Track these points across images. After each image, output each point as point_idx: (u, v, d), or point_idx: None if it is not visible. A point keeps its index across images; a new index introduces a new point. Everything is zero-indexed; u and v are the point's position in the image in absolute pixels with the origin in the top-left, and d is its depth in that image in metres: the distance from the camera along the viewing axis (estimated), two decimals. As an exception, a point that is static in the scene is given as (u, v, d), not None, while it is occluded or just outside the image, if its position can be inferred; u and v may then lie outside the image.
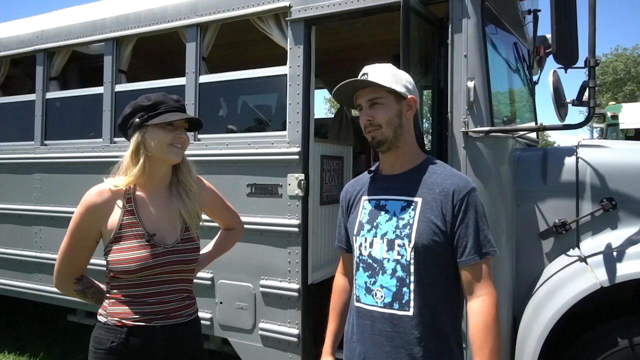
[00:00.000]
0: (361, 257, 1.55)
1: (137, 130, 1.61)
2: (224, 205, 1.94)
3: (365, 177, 1.66)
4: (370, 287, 1.50)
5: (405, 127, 1.53)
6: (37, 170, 3.86)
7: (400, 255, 1.46)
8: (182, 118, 1.64)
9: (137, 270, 1.56)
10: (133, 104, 1.64)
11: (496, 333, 1.41)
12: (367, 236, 1.54)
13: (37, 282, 3.84)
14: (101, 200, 1.60)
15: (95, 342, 1.61)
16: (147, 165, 1.61)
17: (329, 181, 3.28)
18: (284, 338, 2.88)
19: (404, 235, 1.46)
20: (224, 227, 2.01)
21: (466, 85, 2.41)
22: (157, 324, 1.59)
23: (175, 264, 1.61)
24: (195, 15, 3.18)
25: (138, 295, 1.59)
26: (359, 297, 1.54)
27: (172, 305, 1.62)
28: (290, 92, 2.88)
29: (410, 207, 1.49)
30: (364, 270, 1.53)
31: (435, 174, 1.51)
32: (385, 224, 1.51)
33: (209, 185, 1.85)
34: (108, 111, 3.50)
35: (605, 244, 2.27)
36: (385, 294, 1.47)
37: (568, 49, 2.11)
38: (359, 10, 2.71)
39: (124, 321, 1.58)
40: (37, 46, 3.85)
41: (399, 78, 1.52)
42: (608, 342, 2.16)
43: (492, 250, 1.46)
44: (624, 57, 28.39)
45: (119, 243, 1.58)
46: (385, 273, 1.48)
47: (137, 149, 1.61)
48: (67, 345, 4.39)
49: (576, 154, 2.42)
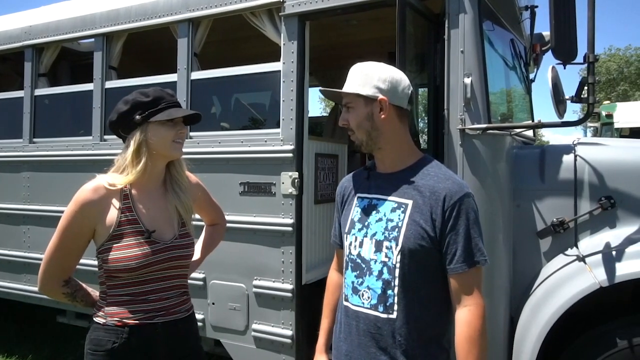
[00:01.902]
0: (350, 256, 1.53)
1: (138, 128, 1.57)
2: (210, 201, 1.94)
3: (362, 173, 1.63)
4: (358, 287, 1.49)
5: (384, 128, 1.48)
6: (26, 169, 3.79)
7: (387, 257, 1.44)
8: (187, 114, 1.63)
9: (138, 267, 1.53)
10: (130, 101, 1.58)
11: (480, 345, 1.37)
12: (357, 235, 1.52)
13: (25, 283, 3.77)
14: (97, 197, 1.55)
15: (94, 344, 1.56)
16: (149, 163, 1.58)
17: (324, 180, 3.24)
18: (277, 339, 2.83)
19: (392, 237, 1.43)
20: (209, 223, 2.00)
21: (463, 81, 2.37)
22: (158, 320, 1.57)
23: (174, 260, 1.60)
24: (186, 10, 3.12)
25: (138, 293, 1.56)
26: (347, 296, 1.53)
27: (171, 301, 1.61)
28: (283, 88, 2.83)
29: (400, 210, 1.45)
30: (352, 270, 1.52)
31: (429, 176, 1.47)
32: (375, 224, 1.48)
33: (196, 180, 1.84)
34: (98, 108, 3.44)
35: (604, 243, 2.24)
36: (372, 295, 1.45)
37: (567, 44, 2.08)
38: (354, 5, 2.66)
39: (125, 321, 1.55)
40: (26, 42, 3.78)
41: (369, 79, 1.47)
42: (607, 342, 2.13)
43: (482, 259, 1.41)
44: (617, 57, 28.58)
45: (116, 241, 1.54)
46: (372, 274, 1.45)
47: (139, 147, 1.56)
48: (56, 346, 4.32)
49: (574, 152, 2.39)
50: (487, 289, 2.35)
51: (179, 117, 1.61)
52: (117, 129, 1.62)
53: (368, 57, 1.91)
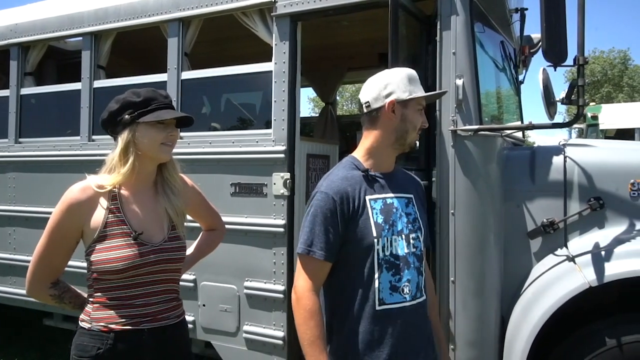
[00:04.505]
0: (384, 257, 1.52)
1: (127, 128, 1.54)
2: (206, 205, 1.89)
3: (354, 176, 1.56)
4: (396, 284, 1.53)
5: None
6: (11, 169, 3.73)
7: (415, 247, 1.58)
8: (177, 117, 1.59)
9: (124, 269, 1.49)
10: (121, 100, 1.56)
11: None
12: (387, 236, 1.53)
13: (11, 285, 3.70)
14: (85, 197, 1.53)
15: (79, 350, 1.53)
16: (136, 164, 1.55)
17: (315, 180, 3.23)
18: (269, 341, 2.82)
19: (416, 228, 1.60)
20: (206, 228, 1.96)
21: (455, 83, 2.38)
22: (145, 326, 1.53)
23: (163, 263, 1.57)
24: (177, 10, 3.09)
25: (124, 297, 1.53)
26: (383, 299, 1.51)
27: (159, 306, 1.57)
28: (275, 89, 2.82)
29: (411, 203, 1.62)
30: (387, 270, 1.52)
31: (403, 172, 1.71)
32: (398, 221, 1.57)
33: (192, 184, 1.80)
34: (86, 108, 3.39)
35: (593, 243, 2.27)
36: (412, 287, 1.55)
37: (557, 47, 2.09)
38: (346, 6, 2.66)
39: (110, 326, 1.51)
40: (11, 40, 3.72)
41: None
42: (596, 342, 2.15)
43: None
44: (600, 59, 29.03)
45: (103, 242, 1.51)
46: (410, 268, 1.55)
47: (126, 147, 1.54)
48: (43, 350, 4.26)
49: (564, 153, 2.41)
50: (478, 289, 2.38)
51: (170, 120, 1.58)
52: (107, 127, 1.60)
53: (358, 57, 1.91)
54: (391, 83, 1.55)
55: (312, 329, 1.47)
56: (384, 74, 1.59)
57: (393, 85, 1.55)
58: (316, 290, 1.52)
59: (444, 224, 2.42)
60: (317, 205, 1.51)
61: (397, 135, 1.57)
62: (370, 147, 1.60)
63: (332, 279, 1.55)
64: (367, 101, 1.58)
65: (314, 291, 1.50)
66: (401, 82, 1.55)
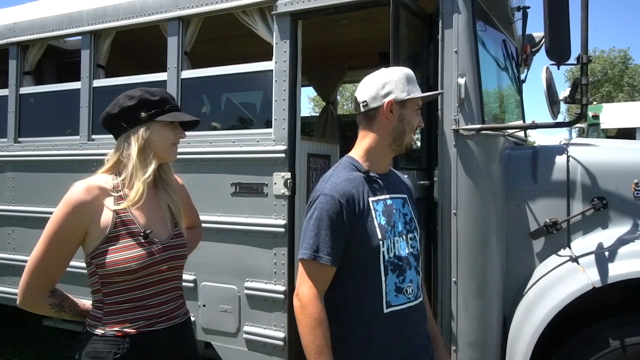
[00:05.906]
0: (389, 259, 1.51)
1: (142, 126, 1.54)
2: (191, 203, 1.90)
3: (355, 177, 1.53)
4: (400, 285, 1.52)
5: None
6: (10, 169, 3.71)
7: (412, 247, 1.59)
8: (194, 119, 1.63)
9: (137, 269, 1.47)
10: (137, 97, 1.54)
11: None
12: (390, 237, 1.52)
13: (10, 286, 3.69)
14: (90, 197, 1.48)
15: (92, 357, 1.48)
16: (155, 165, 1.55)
17: (316, 180, 3.21)
18: (269, 342, 2.80)
19: (413, 228, 1.60)
20: (187, 226, 1.89)
21: (457, 82, 2.37)
22: (159, 327, 1.52)
23: (171, 260, 1.56)
24: (177, 8, 3.07)
25: (136, 298, 1.50)
26: (390, 301, 1.49)
27: (170, 305, 1.57)
28: (276, 88, 2.80)
29: (406, 203, 1.63)
30: (392, 272, 1.51)
31: (394, 172, 1.70)
32: (398, 222, 1.56)
33: (182, 182, 1.81)
34: (86, 107, 3.37)
35: (596, 243, 2.25)
36: (413, 287, 1.56)
37: (561, 45, 2.08)
38: (346, 5, 2.64)
39: (125, 330, 1.48)
40: (10, 39, 3.70)
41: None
42: (600, 342, 2.13)
43: None
44: (600, 59, 28.99)
45: (114, 243, 1.47)
46: (411, 268, 1.56)
47: (143, 145, 1.53)
48: (42, 350, 4.24)
49: (567, 153, 2.40)
50: (480, 289, 2.36)
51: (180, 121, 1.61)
52: (117, 122, 1.56)
53: (358, 56, 1.90)
54: (389, 82, 1.53)
55: (319, 338, 1.40)
56: (381, 73, 1.57)
57: (391, 84, 1.53)
58: (321, 297, 1.46)
59: (445, 224, 2.41)
60: (322, 208, 1.45)
61: (395, 135, 1.55)
62: (369, 147, 1.57)
63: (333, 283, 1.50)
64: (365, 100, 1.55)
65: (319, 298, 1.44)
66: (399, 82, 1.53)
